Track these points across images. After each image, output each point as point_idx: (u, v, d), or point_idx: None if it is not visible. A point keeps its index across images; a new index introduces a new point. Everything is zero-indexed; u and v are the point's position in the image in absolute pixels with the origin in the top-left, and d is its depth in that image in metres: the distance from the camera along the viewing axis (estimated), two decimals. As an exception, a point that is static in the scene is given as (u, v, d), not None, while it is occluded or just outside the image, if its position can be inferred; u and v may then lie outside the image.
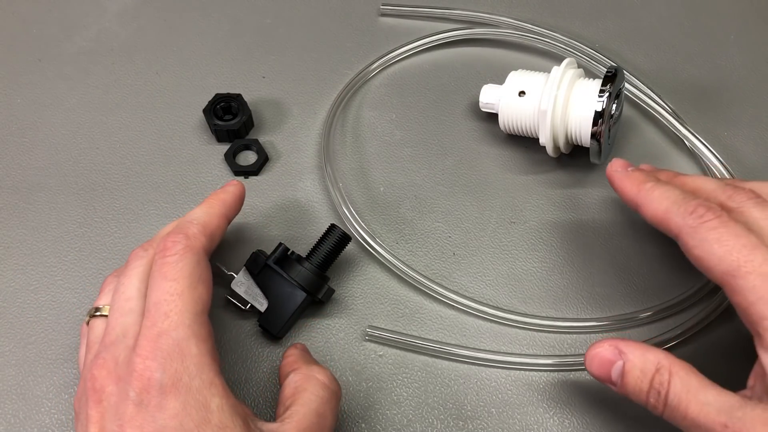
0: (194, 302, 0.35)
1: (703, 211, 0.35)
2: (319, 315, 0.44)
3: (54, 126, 0.53)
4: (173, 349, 0.33)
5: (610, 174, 0.42)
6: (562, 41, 0.55)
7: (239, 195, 0.42)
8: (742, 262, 0.33)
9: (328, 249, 0.43)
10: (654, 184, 0.39)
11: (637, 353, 0.35)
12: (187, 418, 0.32)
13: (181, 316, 0.34)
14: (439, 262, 0.47)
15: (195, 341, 0.34)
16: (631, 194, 0.39)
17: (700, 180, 0.40)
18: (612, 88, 0.46)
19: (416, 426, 0.41)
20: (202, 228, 0.38)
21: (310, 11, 0.60)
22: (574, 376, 0.42)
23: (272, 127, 0.53)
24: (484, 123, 0.53)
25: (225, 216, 0.40)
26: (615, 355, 0.35)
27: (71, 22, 0.60)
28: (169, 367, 0.33)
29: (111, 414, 0.32)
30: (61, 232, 0.48)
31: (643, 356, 0.35)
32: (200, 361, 0.33)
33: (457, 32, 0.56)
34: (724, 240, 0.34)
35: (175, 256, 0.35)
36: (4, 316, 0.44)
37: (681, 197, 0.37)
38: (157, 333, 0.33)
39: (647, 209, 0.38)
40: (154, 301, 0.34)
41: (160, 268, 0.35)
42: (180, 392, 0.32)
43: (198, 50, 0.58)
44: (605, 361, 0.36)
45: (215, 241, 0.39)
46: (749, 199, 0.36)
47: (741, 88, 0.55)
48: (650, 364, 0.34)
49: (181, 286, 0.35)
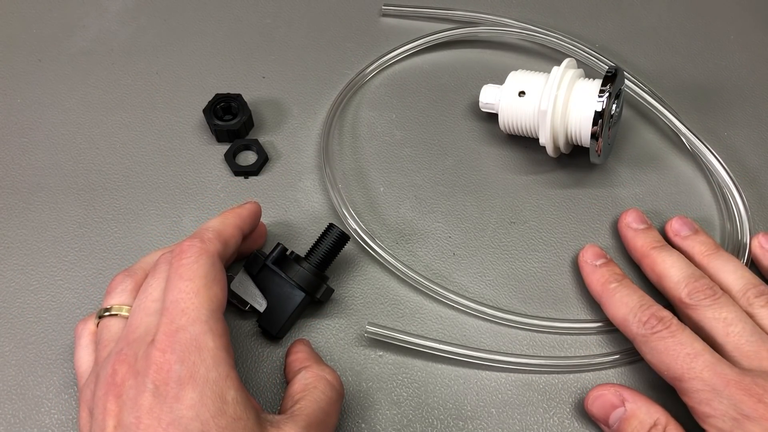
0: (210, 300, 0.36)
1: (655, 323, 0.39)
2: (319, 315, 0.44)
3: (54, 126, 0.53)
4: (191, 343, 0.34)
5: (580, 263, 0.45)
6: (563, 42, 0.55)
7: (254, 212, 0.43)
8: (685, 370, 0.37)
9: (327, 248, 0.43)
10: (616, 285, 0.42)
11: (640, 404, 0.38)
12: (203, 409, 0.32)
13: (197, 313, 0.35)
14: (439, 262, 0.47)
15: (211, 336, 0.34)
16: (596, 292, 0.43)
17: (674, 266, 0.42)
18: (612, 88, 0.45)
19: (416, 426, 0.41)
20: (216, 234, 0.39)
21: (310, 11, 0.60)
22: (574, 376, 0.42)
23: (272, 127, 0.53)
24: (484, 123, 0.53)
25: (239, 227, 0.41)
26: (619, 401, 0.38)
27: (71, 22, 0.60)
28: (187, 359, 0.33)
29: (129, 406, 0.33)
30: (61, 232, 0.48)
31: (645, 409, 0.38)
32: (217, 355, 0.34)
33: (455, 32, 0.56)
34: (671, 350, 0.38)
35: (191, 258, 0.37)
36: (4, 316, 0.44)
37: (638, 305, 0.40)
38: (175, 328, 0.34)
39: (608, 311, 0.42)
40: (171, 299, 0.35)
41: (177, 269, 0.36)
42: (197, 384, 0.33)
43: (198, 50, 0.58)
44: (608, 405, 0.38)
45: (230, 248, 0.40)
46: (706, 298, 0.40)
47: (741, 88, 0.55)
48: (650, 418, 0.37)
49: (197, 285, 0.36)
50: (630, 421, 0.37)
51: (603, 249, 0.45)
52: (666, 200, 0.49)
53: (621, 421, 0.38)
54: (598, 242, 0.47)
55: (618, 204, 0.49)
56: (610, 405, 0.38)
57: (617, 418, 0.38)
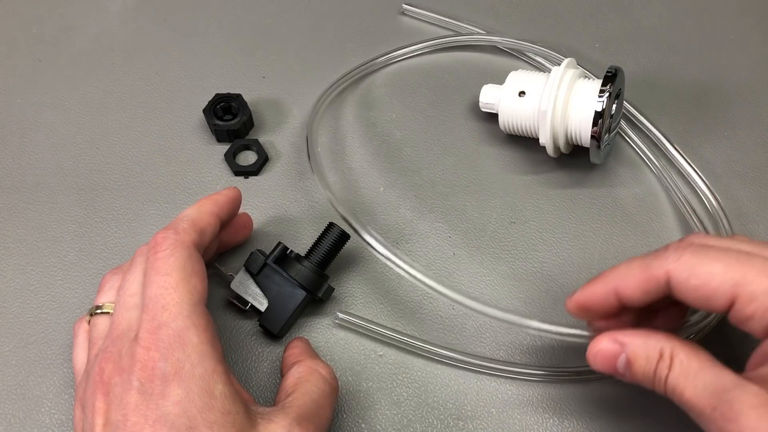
0: (190, 294, 0.35)
1: (678, 244, 0.35)
2: (319, 314, 0.44)
3: (54, 126, 0.53)
4: (174, 339, 0.34)
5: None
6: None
7: (233, 197, 0.42)
8: (747, 268, 0.32)
9: (328, 247, 0.43)
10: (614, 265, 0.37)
11: (638, 342, 0.35)
12: (190, 405, 0.32)
13: (178, 308, 0.34)
14: (439, 262, 0.47)
15: (195, 331, 0.34)
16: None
17: None
18: (612, 88, 0.45)
19: (416, 426, 0.41)
20: (191, 224, 0.38)
21: (310, 11, 0.60)
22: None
23: (272, 127, 0.53)
24: (484, 123, 0.53)
25: (215, 214, 0.40)
26: (617, 348, 0.35)
27: (71, 22, 0.60)
28: (171, 356, 0.33)
29: (116, 404, 0.33)
30: (61, 232, 0.48)
31: (645, 343, 0.34)
32: (202, 350, 0.34)
33: (454, 38, 0.56)
34: (715, 256, 0.33)
35: (166, 251, 0.36)
36: (4, 316, 0.44)
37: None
38: (157, 325, 0.34)
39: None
40: (150, 295, 0.35)
41: (153, 264, 0.36)
42: (183, 380, 0.33)
43: (198, 50, 0.58)
44: (608, 356, 0.35)
45: (206, 237, 0.39)
46: (694, 243, 0.35)
47: (741, 88, 0.55)
48: (653, 350, 0.34)
49: (175, 279, 0.35)
50: (636, 364, 0.34)
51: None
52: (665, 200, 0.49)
53: (627, 366, 0.35)
54: (598, 242, 0.47)
55: (618, 204, 0.49)
56: (611, 356, 0.35)
57: (623, 365, 0.35)
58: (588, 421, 0.41)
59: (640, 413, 0.41)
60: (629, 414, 0.41)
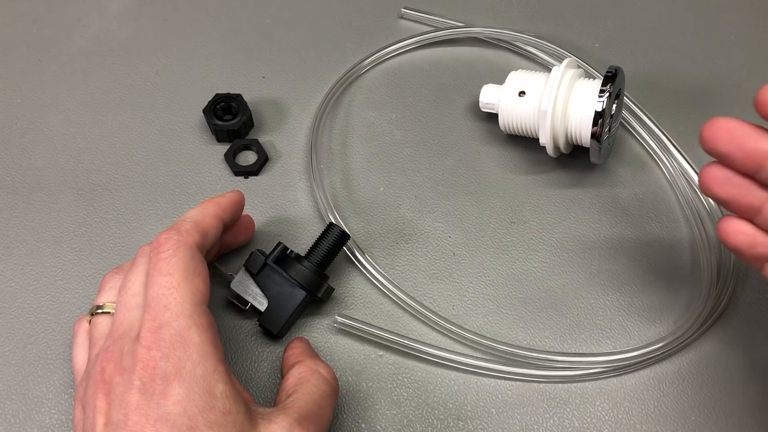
0: (192, 294, 0.35)
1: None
2: (319, 314, 0.44)
3: (54, 126, 0.53)
4: (175, 339, 0.34)
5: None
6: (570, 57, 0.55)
7: (236, 200, 0.43)
8: None
9: (328, 247, 0.43)
10: None
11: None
12: (191, 404, 0.32)
13: (180, 307, 0.35)
14: (439, 262, 0.47)
15: (196, 330, 0.34)
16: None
17: None
18: (612, 88, 0.45)
19: (416, 426, 0.41)
20: (194, 225, 0.38)
21: (310, 11, 0.60)
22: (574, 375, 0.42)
23: (272, 127, 0.53)
24: (484, 123, 0.53)
25: (218, 216, 0.40)
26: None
27: (71, 22, 0.60)
28: (173, 355, 0.33)
29: (117, 403, 0.33)
30: (61, 232, 0.48)
31: None
32: (203, 350, 0.34)
33: (452, 31, 0.56)
34: None
35: (169, 251, 0.36)
36: (4, 316, 0.44)
37: None
38: (158, 324, 0.34)
39: None
40: (152, 295, 0.35)
41: (155, 264, 0.36)
42: (184, 379, 0.33)
43: (198, 50, 0.58)
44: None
45: (209, 239, 0.39)
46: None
47: (741, 88, 0.55)
48: None
49: (177, 279, 0.35)
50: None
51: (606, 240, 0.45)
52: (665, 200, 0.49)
53: None
54: (598, 242, 0.47)
55: (618, 204, 0.49)
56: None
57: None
58: (588, 421, 0.41)
59: (640, 413, 0.41)
60: (629, 414, 0.41)
